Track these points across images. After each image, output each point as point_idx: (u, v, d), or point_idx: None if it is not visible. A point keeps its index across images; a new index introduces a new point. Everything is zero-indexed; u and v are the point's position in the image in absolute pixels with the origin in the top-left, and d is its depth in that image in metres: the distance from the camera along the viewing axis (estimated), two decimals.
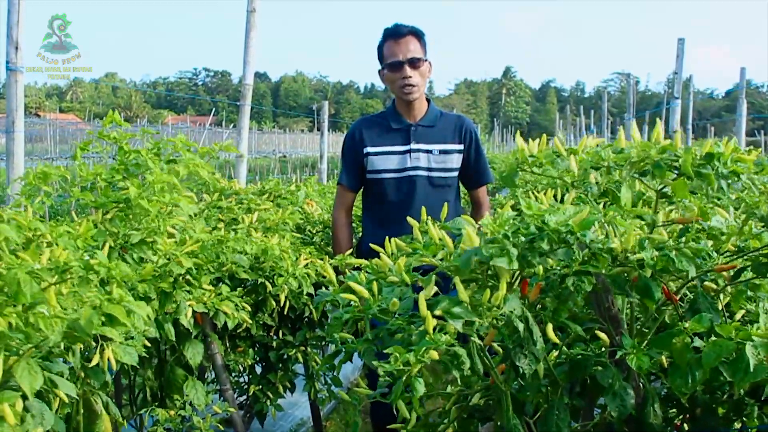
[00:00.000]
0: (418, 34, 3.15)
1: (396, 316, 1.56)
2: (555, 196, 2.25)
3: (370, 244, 2.02)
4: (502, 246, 1.35)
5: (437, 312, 1.42)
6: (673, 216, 1.67)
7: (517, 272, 1.55)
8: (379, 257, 1.77)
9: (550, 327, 1.53)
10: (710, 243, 1.61)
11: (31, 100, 52.23)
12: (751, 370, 1.30)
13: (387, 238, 1.87)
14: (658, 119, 1.81)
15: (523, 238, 1.36)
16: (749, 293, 1.68)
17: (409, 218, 1.95)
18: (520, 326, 1.43)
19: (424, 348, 1.35)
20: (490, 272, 1.49)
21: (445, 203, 2.20)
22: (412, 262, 1.66)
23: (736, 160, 1.51)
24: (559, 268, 1.53)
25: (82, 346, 1.65)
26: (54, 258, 1.55)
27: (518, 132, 1.73)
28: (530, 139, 1.74)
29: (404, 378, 1.35)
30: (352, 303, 1.63)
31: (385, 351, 1.45)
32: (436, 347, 1.36)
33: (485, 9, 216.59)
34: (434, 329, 1.41)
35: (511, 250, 1.33)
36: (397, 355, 1.36)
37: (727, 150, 1.51)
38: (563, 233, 1.35)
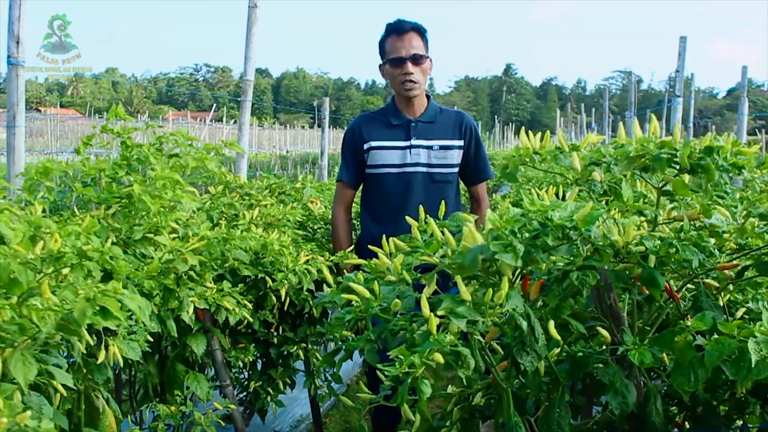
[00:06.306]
0: (421, 31, 3.15)
1: (398, 315, 1.55)
2: (557, 193, 2.25)
3: (369, 246, 2.02)
4: (507, 243, 1.34)
5: (440, 312, 1.41)
6: (674, 214, 1.67)
7: (519, 269, 1.55)
8: (378, 256, 1.77)
9: (552, 324, 1.53)
10: (712, 240, 1.61)
11: (31, 95, 52.20)
12: (753, 366, 1.30)
13: (386, 235, 1.86)
14: (653, 115, 1.81)
15: (527, 235, 1.36)
16: (740, 284, 1.69)
17: (407, 217, 1.95)
18: (524, 324, 1.42)
19: (428, 349, 1.35)
20: (491, 269, 1.48)
21: (444, 200, 2.19)
22: (412, 260, 1.65)
23: (736, 153, 1.50)
24: (561, 264, 1.53)
25: (85, 340, 1.64)
26: (48, 248, 1.55)
27: (522, 127, 1.72)
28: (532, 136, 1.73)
29: (409, 381, 1.35)
30: (353, 303, 1.63)
31: (387, 353, 1.44)
32: (440, 348, 1.36)
33: (486, 6, 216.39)
34: (437, 329, 1.40)
35: (518, 247, 1.33)
36: (402, 357, 1.35)
37: (727, 143, 1.51)
38: (567, 229, 1.35)
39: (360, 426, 1.79)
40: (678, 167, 1.52)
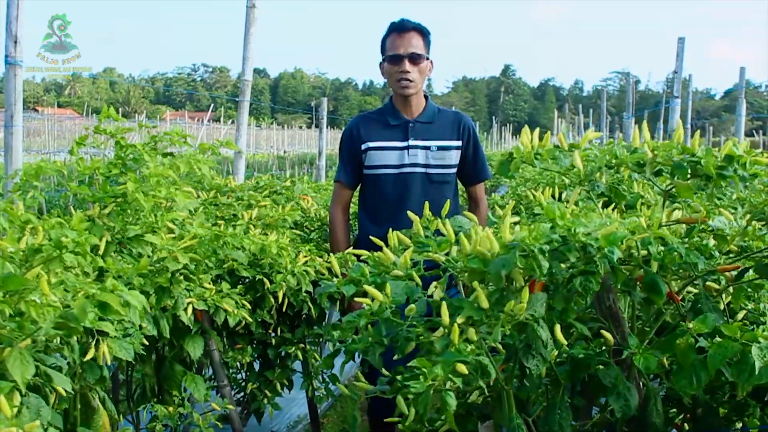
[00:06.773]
0: (423, 32, 3.14)
1: (411, 319, 1.54)
2: (553, 194, 2.24)
3: (371, 238, 2.01)
4: (528, 253, 1.33)
5: (460, 320, 1.40)
6: (675, 215, 1.66)
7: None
8: (378, 251, 1.75)
9: (558, 328, 1.52)
10: (713, 242, 1.61)
11: (29, 94, 52.12)
12: (757, 372, 1.29)
13: (383, 236, 1.85)
14: (682, 122, 1.81)
15: (548, 248, 1.35)
16: (749, 291, 1.68)
17: (409, 213, 1.94)
18: (543, 335, 1.41)
19: (452, 361, 1.34)
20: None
21: (447, 200, 2.19)
22: (418, 257, 1.64)
23: (753, 162, 1.51)
24: (565, 268, 1.52)
25: (78, 338, 1.63)
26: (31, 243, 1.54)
27: (526, 126, 1.69)
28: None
29: (431, 392, 1.33)
30: (364, 306, 1.61)
31: (393, 356, 1.42)
32: (463, 359, 1.34)
33: (484, 6, 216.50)
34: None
35: (543, 265, 1.32)
36: (425, 370, 1.33)
37: (745, 152, 1.52)
38: (593, 247, 1.34)
39: (353, 417, 1.77)
40: (693, 174, 1.52)
